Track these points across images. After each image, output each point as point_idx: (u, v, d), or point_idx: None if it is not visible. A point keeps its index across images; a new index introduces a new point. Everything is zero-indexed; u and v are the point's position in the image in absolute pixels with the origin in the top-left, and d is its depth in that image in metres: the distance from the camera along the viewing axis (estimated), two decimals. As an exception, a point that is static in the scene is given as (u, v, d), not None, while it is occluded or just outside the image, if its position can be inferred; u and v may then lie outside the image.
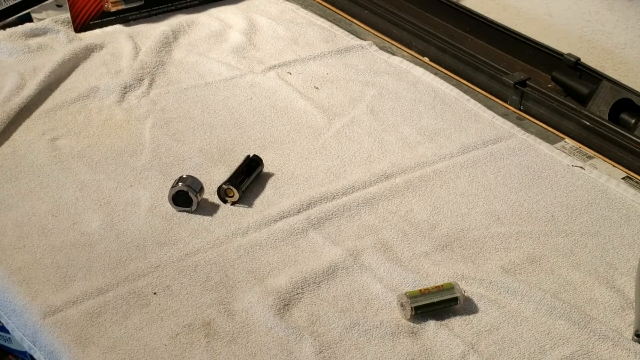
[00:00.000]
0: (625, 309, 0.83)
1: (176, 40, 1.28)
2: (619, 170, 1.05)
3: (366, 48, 1.29)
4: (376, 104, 1.16)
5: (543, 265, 0.88)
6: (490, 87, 1.21)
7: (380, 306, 0.82)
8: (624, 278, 0.87)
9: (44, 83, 1.13)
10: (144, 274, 0.84)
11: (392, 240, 0.90)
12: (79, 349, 0.75)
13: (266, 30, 1.32)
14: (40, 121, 1.08)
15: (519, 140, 1.09)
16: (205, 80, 1.19)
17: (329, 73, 1.23)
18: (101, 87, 1.14)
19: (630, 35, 1.25)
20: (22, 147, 1.03)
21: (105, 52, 1.24)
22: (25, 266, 0.84)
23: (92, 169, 0.99)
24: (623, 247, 0.91)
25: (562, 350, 0.78)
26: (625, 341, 0.79)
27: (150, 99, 1.14)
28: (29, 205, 0.92)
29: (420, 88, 1.20)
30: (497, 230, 0.93)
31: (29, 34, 1.25)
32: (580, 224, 0.95)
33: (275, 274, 0.84)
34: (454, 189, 0.99)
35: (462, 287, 0.83)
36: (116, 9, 1.31)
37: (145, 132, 1.06)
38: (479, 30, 1.31)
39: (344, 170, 1.01)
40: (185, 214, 0.92)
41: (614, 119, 1.12)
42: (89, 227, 0.89)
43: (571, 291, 0.85)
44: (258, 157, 1.00)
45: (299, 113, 1.13)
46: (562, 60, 1.20)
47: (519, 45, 1.27)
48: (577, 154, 1.07)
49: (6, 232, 0.89)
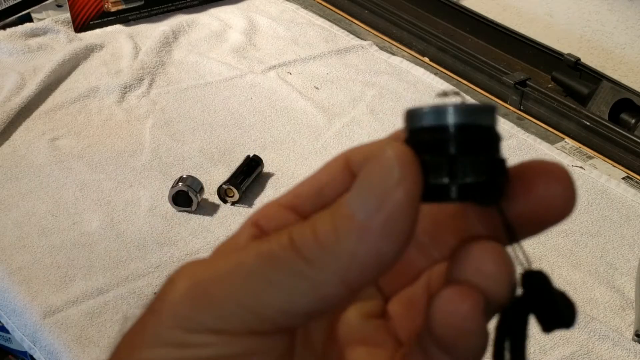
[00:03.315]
0: (625, 309, 0.83)
1: (176, 40, 1.28)
2: (619, 170, 1.05)
3: (366, 48, 1.29)
4: (376, 104, 1.16)
5: (543, 265, 0.88)
6: (490, 87, 1.21)
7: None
8: (624, 278, 0.87)
9: (44, 83, 1.13)
10: (144, 274, 0.84)
11: (392, 240, 0.90)
12: (79, 349, 0.75)
13: (266, 30, 1.32)
14: (40, 121, 1.08)
15: (519, 140, 1.09)
16: (205, 80, 1.19)
17: (329, 73, 1.23)
18: (101, 87, 1.14)
19: (630, 35, 1.25)
20: (22, 147, 1.03)
21: (105, 52, 1.24)
22: (25, 266, 0.84)
23: (92, 169, 0.99)
24: (623, 247, 0.92)
25: (562, 350, 0.78)
26: (625, 341, 0.79)
27: (150, 99, 1.14)
28: (29, 205, 0.93)
29: (420, 88, 1.20)
30: (497, 230, 0.93)
31: (29, 34, 1.25)
32: (580, 224, 0.95)
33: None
34: (454, 189, 0.99)
35: (462, 287, 0.83)
36: (116, 9, 1.31)
37: (145, 132, 1.06)
38: (479, 30, 1.31)
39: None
40: (185, 214, 0.92)
41: (614, 119, 1.12)
42: (89, 227, 0.89)
43: (571, 291, 0.85)
44: (258, 157, 1.00)
45: (299, 113, 1.13)
46: (562, 60, 1.20)
47: (519, 45, 1.26)
48: (577, 154, 1.07)
49: (6, 232, 0.89)
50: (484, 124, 0.25)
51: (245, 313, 0.24)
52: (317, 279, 0.24)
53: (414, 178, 0.24)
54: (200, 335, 0.24)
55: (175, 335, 0.25)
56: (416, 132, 0.25)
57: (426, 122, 0.25)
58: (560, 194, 0.25)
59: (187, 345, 0.24)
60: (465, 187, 0.24)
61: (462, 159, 0.24)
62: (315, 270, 0.24)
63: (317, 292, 0.24)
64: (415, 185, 0.24)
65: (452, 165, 0.24)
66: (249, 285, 0.24)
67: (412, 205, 0.23)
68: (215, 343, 0.24)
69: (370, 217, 0.23)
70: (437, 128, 0.25)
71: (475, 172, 0.24)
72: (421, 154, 0.25)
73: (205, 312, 0.24)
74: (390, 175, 0.24)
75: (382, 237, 0.23)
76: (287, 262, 0.24)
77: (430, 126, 0.25)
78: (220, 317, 0.24)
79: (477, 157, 0.25)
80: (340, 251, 0.23)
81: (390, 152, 0.24)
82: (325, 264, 0.24)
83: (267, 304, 0.24)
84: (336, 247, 0.24)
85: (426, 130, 0.25)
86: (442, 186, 0.24)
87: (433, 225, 0.28)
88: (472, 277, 0.25)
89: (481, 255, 0.25)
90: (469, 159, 0.24)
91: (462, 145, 0.25)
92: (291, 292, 0.24)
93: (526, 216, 0.25)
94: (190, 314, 0.25)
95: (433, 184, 0.24)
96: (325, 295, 0.24)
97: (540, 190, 0.25)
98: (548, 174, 0.25)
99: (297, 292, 0.24)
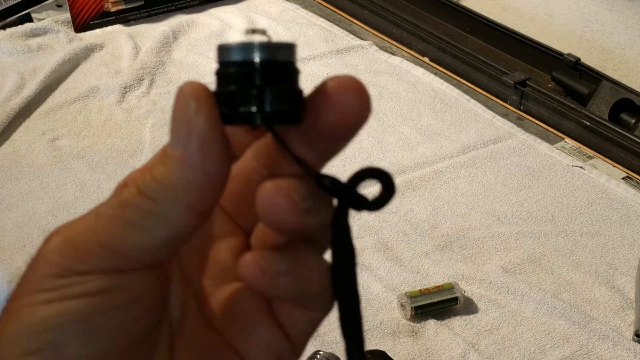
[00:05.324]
0: (625, 309, 0.83)
1: (176, 40, 1.28)
2: (619, 170, 1.05)
3: (366, 48, 1.29)
4: (376, 104, 1.16)
5: (543, 265, 0.88)
6: (490, 87, 1.21)
7: (380, 306, 0.82)
8: (624, 278, 0.87)
9: (44, 83, 1.13)
10: (144, 274, 0.84)
11: (392, 240, 0.90)
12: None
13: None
14: (40, 121, 1.08)
15: (519, 140, 1.09)
16: (205, 80, 1.18)
17: (329, 73, 1.22)
18: (101, 87, 1.15)
19: (630, 35, 1.25)
20: (22, 147, 1.03)
21: (105, 52, 1.24)
22: (25, 266, 0.84)
23: (92, 169, 0.99)
24: (623, 247, 0.92)
25: (562, 350, 0.78)
26: (625, 341, 0.79)
27: (150, 99, 1.14)
28: (29, 205, 0.92)
29: (420, 88, 1.20)
30: (497, 230, 0.93)
31: (29, 34, 1.25)
32: (580, 224, 0.95)
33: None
34: (454, 189, 0.99)
35: (462, 287, 0.83)
36: (116, 9, 1.31)
37: (145, 132, 1.06)
38: (479, 30, 1.32)
39: (344, 170, 1.01)
40: (185, 214, 0.92)
41: (614, 119, 1.12)
42: (89, 227, 0.89)
43: (571, 291, 0.85)
44: (258, 157, 1.00)
45: (299, 113, 1.13)
46: (562, 60, 1.20)
47: (519, 45, 1.27)
48: (577, 154, 1.07)
49: (6, 232, 0.89)
50: (283, 60, 0.29)
51: (109, 254, 0.28)
52: (165, 211, 0.28)
53: (208, 104, 0.28)
54: (68, 278, 0.28)
55: (47, 281, 0.28)
56: (226, 65, 0.29)
57: (234, 57, 0.28)
58: (354, 102, 0.28)
59: (56, 288, 0.28)
60: (268, 114, 0.28)
61: (267, 89, 0.28)
62: (161, 205, 0.28)
63: (169, 223, 0.28)
64: (212, 109, 0.28)
65: (258, 95, 0.28)
66: (110, 229, 0.28)
67: (215, 126, 0.28)
68: (80, 282, 0.28)
69: (186, 146, 0.27)
70: (243, 63, 0.28)
71: (276, 102, 0.28)
72: (230, 84, 0.28)
73: (72, 258, 0.28)
74: (188, 107, 0.28)
75: (202, 159, 0.27)
76: (138, 204, 0.28)
77: (237, 61, 0.28)
78: (85, 260, 0.28)
79: (278, 88, 0.28)
80: (175, 183, 0.28)
81: (183, 88, 0.28)
82: (167, 198, 0.28)
83: (128, 243, 0.28)
84: (171, 180, 0.28)
85: (234, 64, 0.28)
86: (249, 113, 0.28)
87: (268, 157, 0.31)
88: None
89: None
90: (272, 89, 0.28)
91: (265, 78, 0.28)
92: (147, 228, 0.28)
93: (331, 127, 0.29)
94: (59, 262, 0.28)
95: (243, 112, 0.28)
96: (177, 224, 0.28)
97: (337, 101, 0.28)
98: (342, 87, 0.29)
99: (152, 227, 0.28)
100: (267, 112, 0.28)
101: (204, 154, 0.27)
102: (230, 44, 0.29)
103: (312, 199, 0.29)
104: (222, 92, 0.29)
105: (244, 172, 0.31)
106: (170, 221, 0.28)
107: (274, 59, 0.28)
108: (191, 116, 0.28)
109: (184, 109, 0.28)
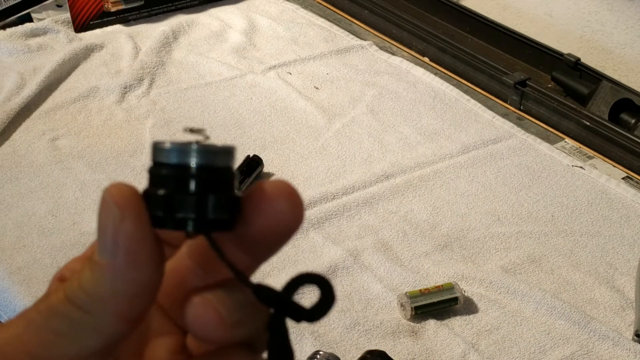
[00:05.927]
0: (625, 309, 0.83)
1: (176, 40, 1.28)
2: (619, 170, 1.05)
3: (366, 48, 1.29)
4: (376, 104, 1.16)
5: (543, 265, 0.88)
6: (490, 87, 1.21)
7: (380, 306, 0.82)
8: (624, 278, 0.87)
9: (44, 83, 1.13)
10: (144, 274, 0.84)
11: (392, 240, 0.90)
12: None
13: (266, 30, 1.32)
14: (40, 121, 1.08)
15: (519, 140, 1.09)
16: (205, 80, 1.19)
17: (329, 73, 1.23)
18: (101, 87, 1.14)
19: (630, 35, 1.25)
20: (22, 147, 1.03)
21: (105, 52, 1.24)
22: (25, 266, 0.84)
23: (92, 169, 0.99)
24: (623, 247, 0.92)
25: (562, 350, 0.78)
26: (625, 341, 0.79)
27: (150, 99, 1.14)
28: (29, 205, 0.93)
29: (420, 88, 1.20)
30: (497, 230, 0.93)
31: (29, 34, 1.25)
32: (580, 224, 0.95)
33: (275, 274, 0.84)
34: (454, 189, 0.99)
35: (462, 287, 0.83)
36: (116, 9, 1.31)
37: (145, 132, 1.06)
38: (479, 30, 1.32)
39: (344, 170, 1.01)
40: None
41: (614, 119, 1.12)
42: (89, 227, 0.89)
43: (571, 291, 0.85)
44: (258, 157, 1.00)
45: (299, 113, 1.13)
46: (562, 60, 1.20)
47: (519, 45, 1.27)
48: (577, 154, 1.08)
49: (6, 232, 0.89)
50: (221, 165, 0.28)
51: None
52: (95, 322, 0.27)
53: (135, 211, 0.26)
54: None
55: None
56: (161, 166, 0.27)
57: (172, 159, 0.27)
58: (286, 209, 0.28)
59: None
60: (207, 222, 0.27)
61: (209, 196, 0.27)
62: (90, 315, 0.27)
63: (100, 333, 0.27)
64: (139, 215, 0.26)
65: (198, 202, 0.27)
66: (38, 338, 0.27)
67: (143, 234, 0.26)
68: None
69: (113, 255, 0.26)
70: (180, 166, 0.27)
71: (216, 209, 0.27)
72: (163, 187, 0.27)
73: None
74: (113, 215, 0.26)
75: (131, 268, 0.26)
76: (66, 313, 0.27)
77: (174, 164, 0.27)
78: None
79: (217, 195, 0.27)
80: (103, 292, 0.27)
81: (107, 194, 0.27)
82: (96, 308, 0.27)
83: (57, 354, 0.27)
84: (99, 290, 0.27)
85: (171, 167, 0.27)
86: (186, 219, 0.27)
87: (203, 257, 0.30)
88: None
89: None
90: (213, 196, 0.27)
91: (203, 184, 0.27)
92: (76, 338, 0.27)
93: (263, 233, 0.28)
94: None
95: (179, 218, 0.27)
96: (108, 333, 0.27)
97: (269, 208, 0.28)
98: (274, 193, 0.28)
99: (82, 337, 0.27)
100: (206, 220, 0.27)
101: (132, 263, 0.26)
102: (167, 144, 0.27)
103: (242, 310, 0.28)
104: (156, 195, 0.27)
105: (179, 271, 0.30)
106: (101, 331, 0.27)
107: (213, 165, 0.27)
108: (117, 224, 0.26)
109: (108, 215, 0.26)
